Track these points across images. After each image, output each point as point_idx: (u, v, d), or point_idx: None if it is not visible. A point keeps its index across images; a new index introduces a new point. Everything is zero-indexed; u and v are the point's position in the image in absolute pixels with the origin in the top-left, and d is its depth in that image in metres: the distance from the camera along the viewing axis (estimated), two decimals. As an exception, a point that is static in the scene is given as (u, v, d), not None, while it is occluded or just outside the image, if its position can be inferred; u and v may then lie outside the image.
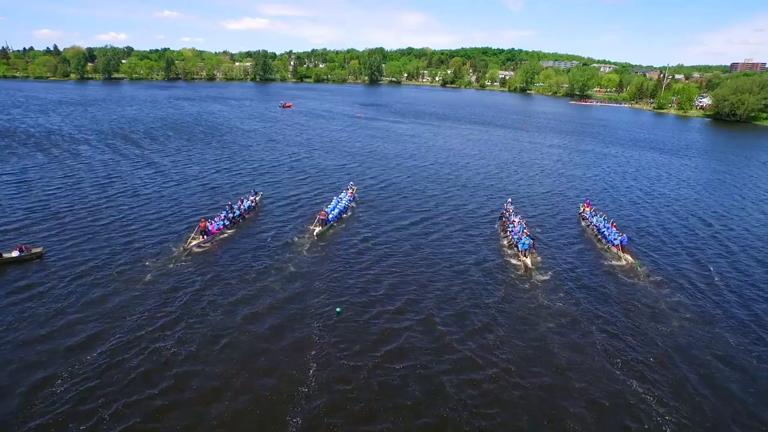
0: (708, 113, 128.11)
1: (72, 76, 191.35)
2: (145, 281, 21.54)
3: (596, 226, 31.23)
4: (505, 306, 21.03)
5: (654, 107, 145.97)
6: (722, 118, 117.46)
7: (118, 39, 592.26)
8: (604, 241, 29.25)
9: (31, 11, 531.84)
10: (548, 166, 54.01)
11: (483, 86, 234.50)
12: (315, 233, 28.19)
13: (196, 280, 21.90)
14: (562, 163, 55.95)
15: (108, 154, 48.65)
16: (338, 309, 19.55)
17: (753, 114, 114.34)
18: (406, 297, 21.41)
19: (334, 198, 33.94)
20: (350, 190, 36.78)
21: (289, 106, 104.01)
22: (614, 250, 27.71)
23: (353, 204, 35.13)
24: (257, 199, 34.09)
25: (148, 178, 39.85)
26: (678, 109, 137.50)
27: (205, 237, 26.52)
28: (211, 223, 27.75)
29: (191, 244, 25.66)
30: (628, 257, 26.81)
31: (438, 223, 31.95)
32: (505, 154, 60.39)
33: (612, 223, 30.72)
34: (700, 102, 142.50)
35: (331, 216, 30.20)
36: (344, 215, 32.31)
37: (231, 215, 29.72)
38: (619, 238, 28.04)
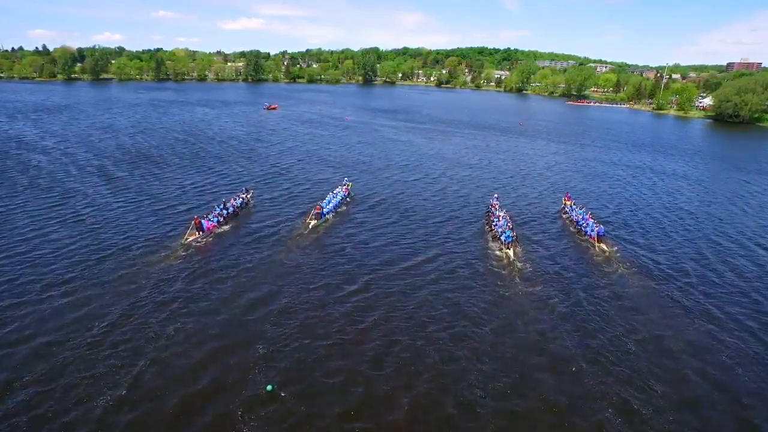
0: (709, 114, 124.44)
1: (59, 76, 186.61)
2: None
3: (575, 219, 32.33)
4: (485, 296, 21.92)
5: (653, 108, 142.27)
6: (724, 119, 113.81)
7: (113, 39, 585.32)
8: (582, 232, 30.42)
9: (29, 11, 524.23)
10: (545, 174, 50.18)
11: (478, 86, 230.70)
12: (310, 226, 29.54)
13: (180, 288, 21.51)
14: (560, 171, 52.20)
15: (63, 165, 44.45)
16: (269, 386, 14.94)
17: (757, 115, 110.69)
18: (387, 289, 22.26)
19: (330, 193, 35.18)
20: (345, 186, 37.72)
21: (274, 108, 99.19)
22: (591, 240, 28.86)
23: (348, 200, 36.29)
24: (249, 196, 34.58)
25: (102, 196, 35.66)
26: (678, 110, 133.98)
27: (200, 233, 27.09)
28: (206, 220, 28.15)
29: (188, 240, 26.32)
30: (604, 247, 27.96)
31: (426, 218, 33.14)
32: (499, 160, 56.51)
33: (590, 215, 31.97)
34: (701, 102, 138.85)
35: (326, 210, 31.49)
36: (339, 209, 33.68)
37: (225, 212, 30.22)
38: (596, 229, 29.16)
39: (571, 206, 34.88)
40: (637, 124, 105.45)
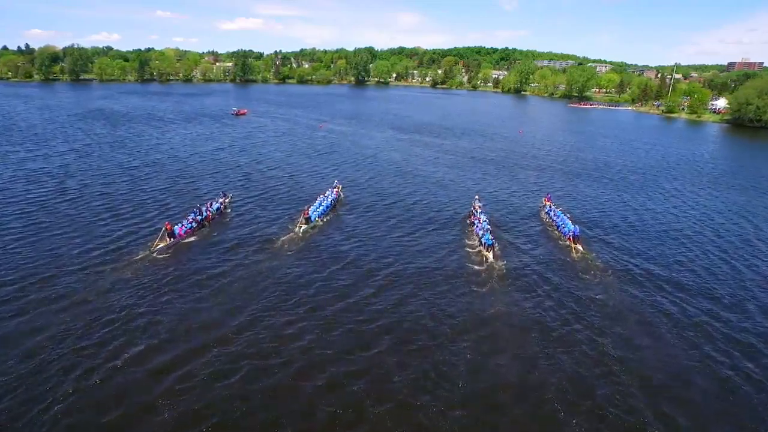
0: (725, 118, 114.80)
1: (36, 77, 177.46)
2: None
3: (553, 219, 32.32)
4: (462, 297, 21.89)
5: (662, 111, 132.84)
6: (743, 124, 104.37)
7: (111, 39, 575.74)
8: (559, 232, 30.52)
9: (25, 11, 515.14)
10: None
11: (475, 87, 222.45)
12: (299, 231, 28.55)
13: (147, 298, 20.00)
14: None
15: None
16: None
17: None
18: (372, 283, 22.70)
19: (319, 196, 33.86)
20: (335, 189, 36.31)
21: (244, 114, 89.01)
22: (567, 241, 28.85)
23: (338, 203, 35.04)
24: (226, 201, 33.00)
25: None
26: (689, 113, 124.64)
27: (171, 240, 25.65)
28: (179, 227, 26.77)
29: (158, 247, 24.80)
30: (579, 247, 28.06)
31: (412, 224, 32.31)
32: (492, 181, 47.77)
33: (568, 216, 32.05)
34: (713, 105, 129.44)
35: (314, 215, 30.33)
36: (330, 211, 32.80)
37: (199, 217, 28.73)
38: (572, 229, 29.04)
39: (549, 207, 34.88)
40: (654, 131, 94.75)
